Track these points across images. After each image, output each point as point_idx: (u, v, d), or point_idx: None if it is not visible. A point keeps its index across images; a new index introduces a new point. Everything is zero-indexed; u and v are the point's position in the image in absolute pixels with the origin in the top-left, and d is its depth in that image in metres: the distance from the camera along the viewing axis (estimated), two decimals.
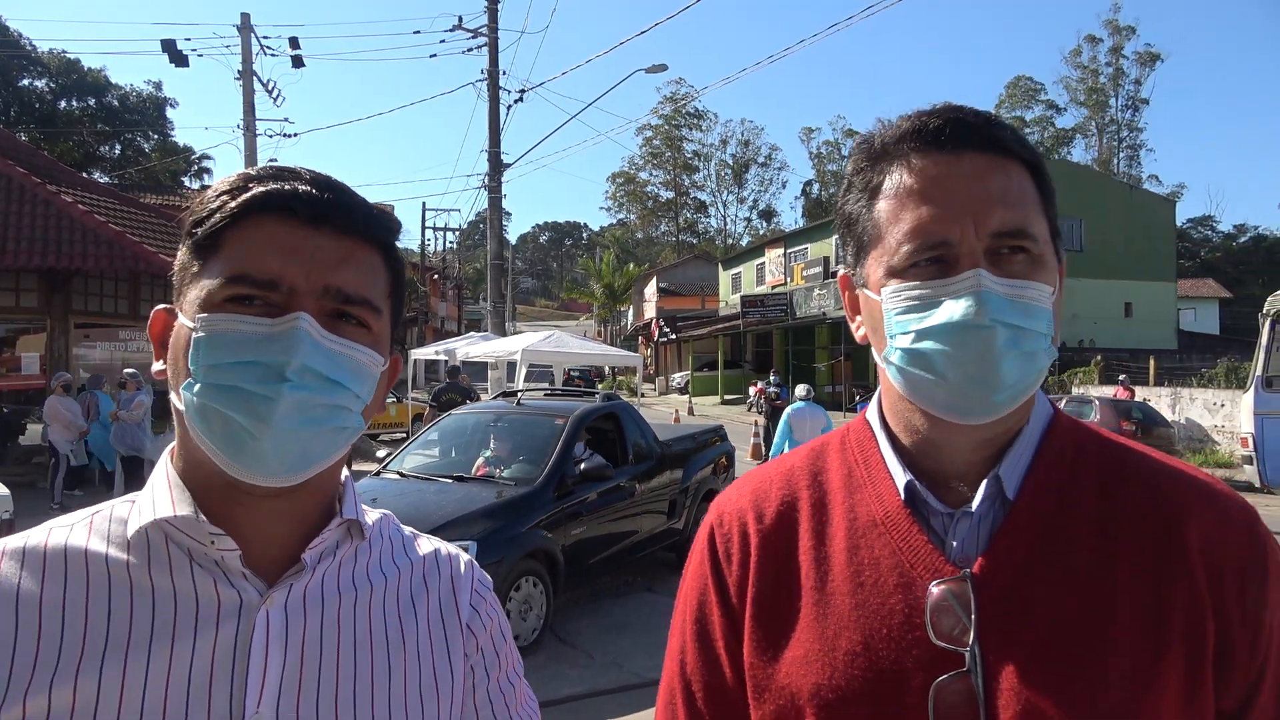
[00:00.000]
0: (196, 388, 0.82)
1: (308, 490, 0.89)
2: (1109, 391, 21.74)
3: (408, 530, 1.06)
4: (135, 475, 11.82)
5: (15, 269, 13.54)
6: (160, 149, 42.23)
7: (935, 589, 0.93)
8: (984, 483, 0.95)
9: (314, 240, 0.86)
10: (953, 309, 0.89)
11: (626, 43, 20.89)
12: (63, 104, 41.10)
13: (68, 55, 39.78)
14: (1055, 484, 0.96)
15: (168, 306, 0.90)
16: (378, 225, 0.91)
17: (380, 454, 8.75)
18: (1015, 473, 0.96)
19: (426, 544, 1.06)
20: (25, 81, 40.31)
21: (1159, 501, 0.94)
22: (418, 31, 24.93)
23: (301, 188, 0.87)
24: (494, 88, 22.14)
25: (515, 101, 22.51)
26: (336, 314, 0.87)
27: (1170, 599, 0.89)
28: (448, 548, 1.08)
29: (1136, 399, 20.62)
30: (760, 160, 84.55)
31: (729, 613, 1.05)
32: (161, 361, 0.90)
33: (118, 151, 41.81)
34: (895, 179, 0.95)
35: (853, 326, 1.05)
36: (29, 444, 14.55)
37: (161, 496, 0.86)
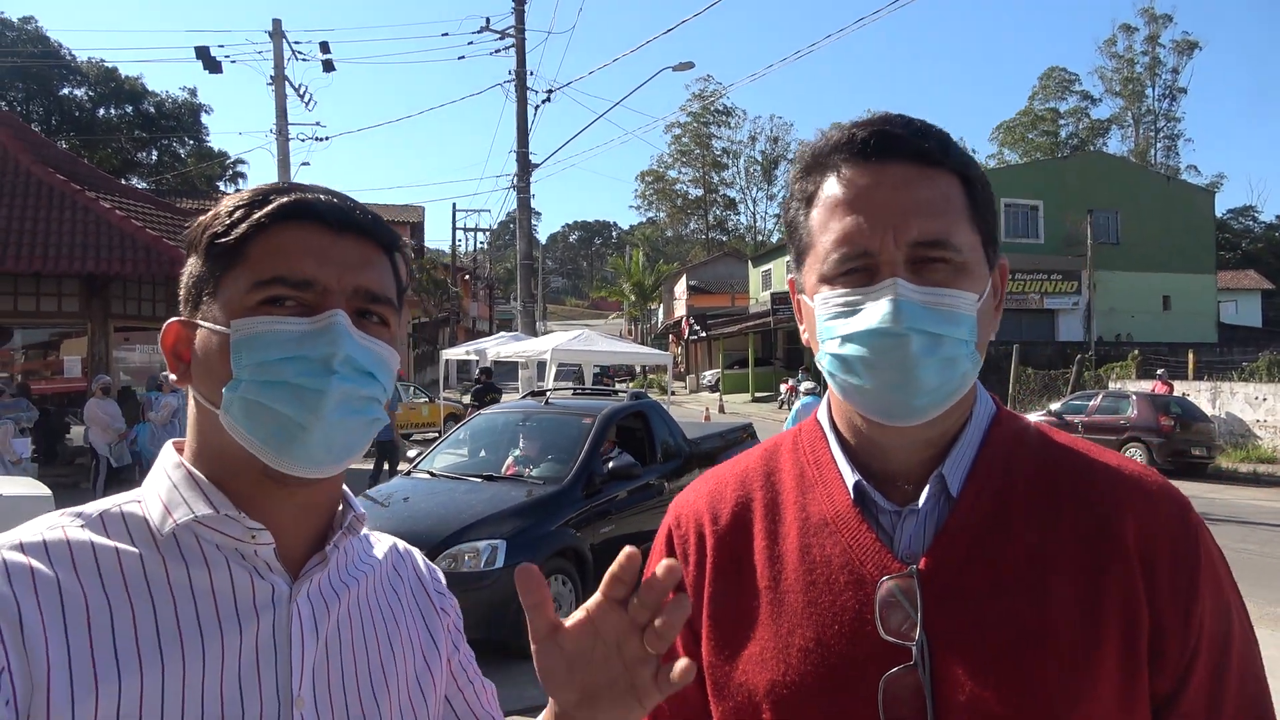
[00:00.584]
0: (242, 386, 0.86)
1: (331, 482, 0.95)
2: (1147, 386, 21.37)
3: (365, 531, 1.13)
4: None
5: (56, 274, 13.82)
6: (196, 154, 42.94)
7: (883, 585, 0.96)
8: (929, 481, 0.99)
9: (340, 245, 0.92)
10: (871, 315, 0.92)
11: (653, 41, 20.88)
12: (101, 112, 41.93)
13: (105, 64, 40.59)
14: (996, 481, 0.99)
15: (181, 319, 0.94)
16: (389, 234, 0.99)
17: (411, 453, 8.83)
18: (958, 471, 1.00)
19: (379, 539, 1.13)
20: (65, 91, 41.21)
21: (1095, 496, 0.97)
22: (446, 34, 25.32)
23: (324, 198, 0.93)
24: (521, 88, 22.24)
25: (543, 102, 22.61)
26: (361, 313, 0.93)
27: (1105, 589, 0.92)
28: (397, 541, 1.15)
29: (1175, 393, 20.24)
30: (790, 156, 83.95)
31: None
32: (175, 372, 0.94)
33: (154, 158, 42.59)
34: (826, 189, 0.99)
35: (801, 330, 1.08)
36: (76, 445, 14.86)
37: (189, 495, 0.89)
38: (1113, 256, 32.97)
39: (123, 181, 22.81)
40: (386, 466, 13.67)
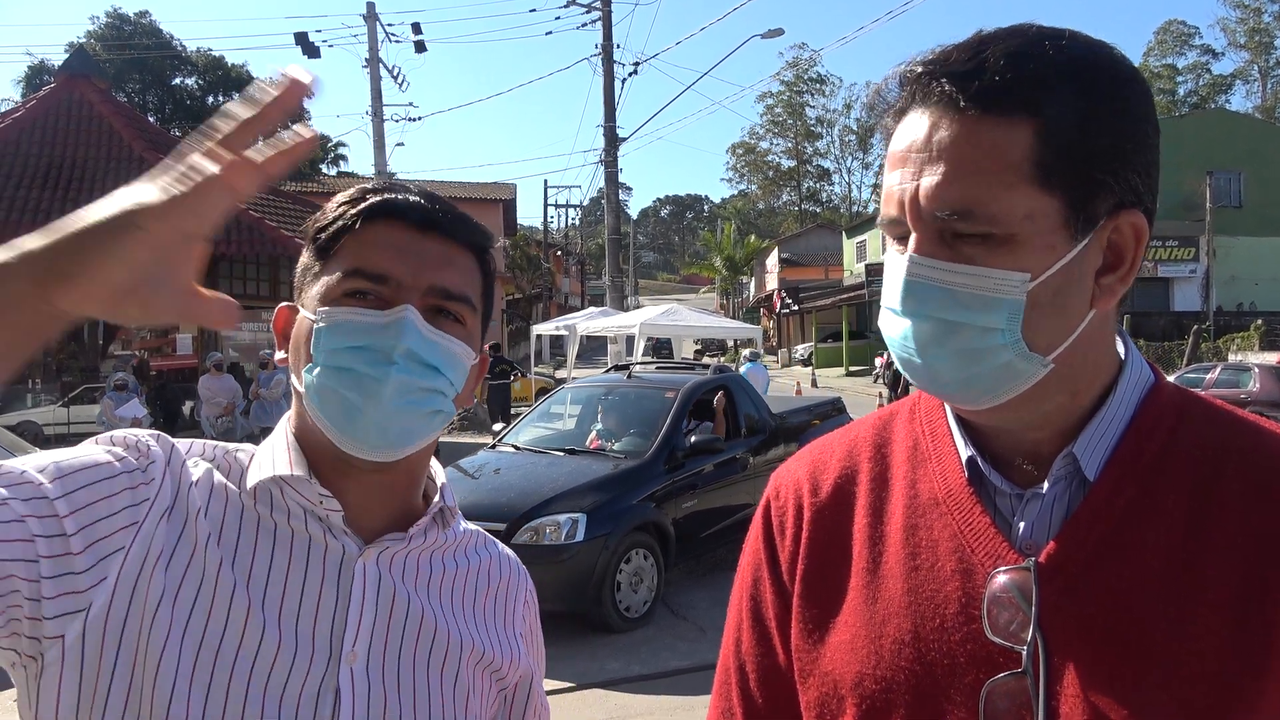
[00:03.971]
0: (316, 370, 0.93)
1: (400, 469, 0.99)
2: (1271, 358, 20.09)
3: (471, 527, 1.16)
4: None
5: None
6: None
7: (995, 578, 0.83)
8: (1056, 461, 0.84)
9: (421, 243, 0.97)
10: (889, 291, 0.84)
11: (741, 8, 20.48)
12: (210, 100, 43.71)
13: (213, 53, 42.31)
14: (1145, 464, 0.83)
15: (290, 304, 1.02)
16: (477, 233, 1.02)
17: (496, 427, 8.98)
18: (1096, 451, 0.84)
19: (495, 547, 1.18)
20: (178, 80, 43.15)
21: (1269, 491, 0.79)
22: (533, 10, 25.32)
23: (412, 198, 0.98)
24: (608, 62, 22.17)
25: (630, 75, 22.52)
26: (436, 309, 0.96)
27: (1274, 607, 0.76)
28: (509, 553, 1.19)
29: None
30: None
31: (781, 590, 1.00)
32: (284, 351, 1.01)
33: (259, 142, 44.18)
34: (890, 132, 0.87)
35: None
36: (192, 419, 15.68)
37: (281, 457, 0.96)
38: (1235, 220, 31.02)
39: None
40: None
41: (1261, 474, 0.81)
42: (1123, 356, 0.89)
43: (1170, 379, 0.90)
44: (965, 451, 0.90)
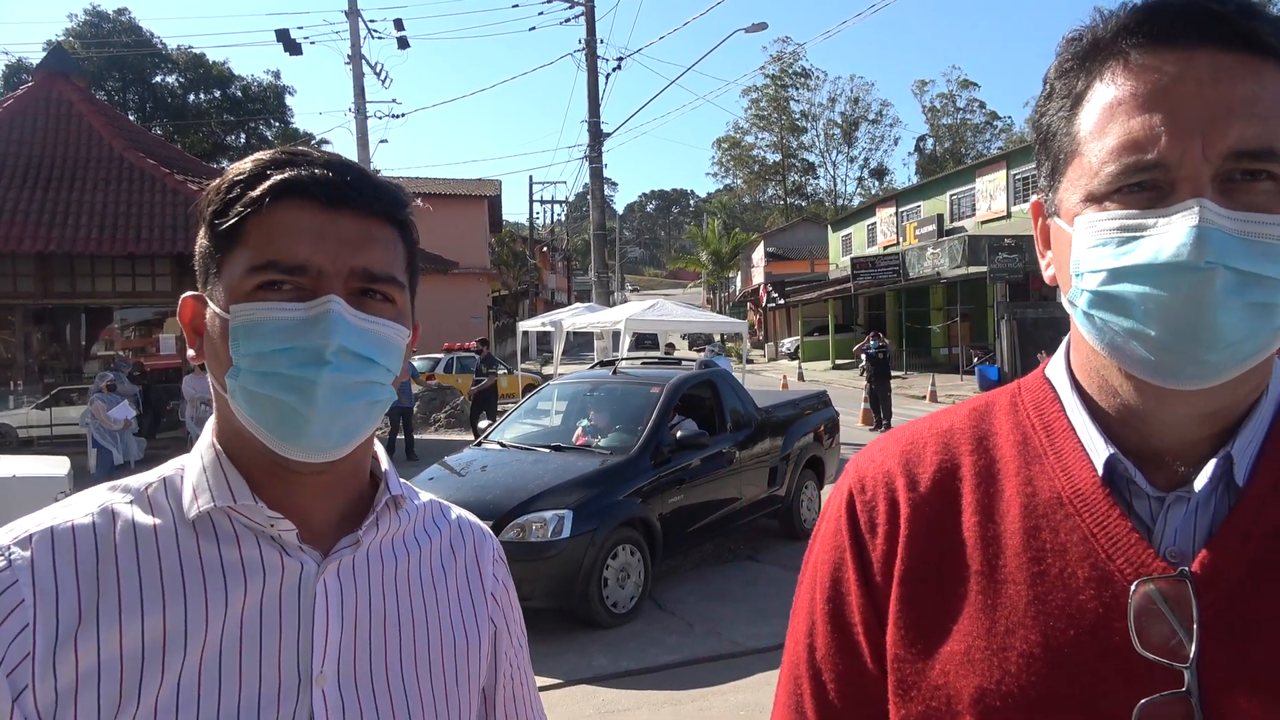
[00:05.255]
0: (241, 375, 0.86)
1: (346, 463, 0.93)
2: None
3: (426, 497, 1.11)
4: None
5: (149, 255, 14.42)
6: (281, 136, 44.11)
7: (1140, 588, 0.76)
8: (1212, 462, 0.78)
9: (336, 222, 0.88)
10: (1160, 245, 0.71)
11: (724, 2, 20.47)
12: (191, 98, 43.39)
13: (194, 51, 41.96)
14: None
15: (196, 294, 0.93)
16: (393, 202, 0.94)
17: (481, 424, 8.96)
18: (1247, 454, 0.78)
19: (450, 512, 1.12)
20: (158, 78, 42.74)
21: None
22: (516, 5, 25.01)
23: (318, 171, 0.89)
24: (592, 57, 22.13)
25: (614, 70, 22.49)
26: (361, 291, 0.90)
27: None
28: (468, 516, 1.15)
29: None
30: (871, 117, 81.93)
31: (871, 592, 0.90)
32: (194, 348, 0.94)
33: (243, 140, 43.89)
34: (1105, 83, 0.77)
35: (1042, 264, 0.88)
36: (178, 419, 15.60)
37: (216, 483, 0.89)
38: None
39: (213, 165, 23.62)
40: (402, 436, 14.62)
41: None
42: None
43: None
44: (1105, 449, 0.82)
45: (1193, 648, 0.73)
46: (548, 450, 7.68)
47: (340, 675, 0.90)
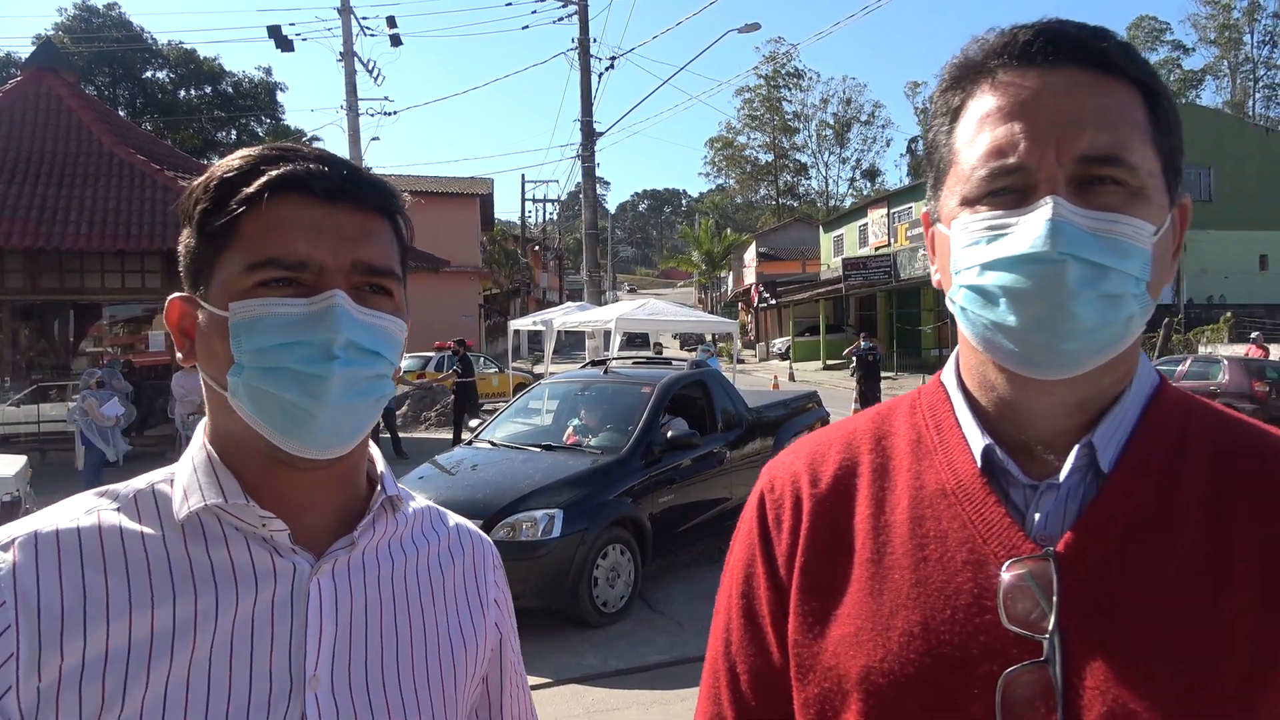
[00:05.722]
0: (245, 373, 0.85)
1: (345, 460, 0.92)
2: (1240, 350, 20.37)
3: (423, 502, 1.10)
4: None
5: (139, 252, 14.34)
6: (272, 133, 43.94)
7: (1011, 569, 0.82)
8: (1074, 451, 0.84)
9: (335, 217, 0.88)
10: (1019, 239, 0.79)
11: (717, 2, 20.46)
12: (182, 94, 43.19)
13: (185, 46, 41.75)
14: (1158, 458, 0.84)
15: (184, 295, 0.92)
16: (389, 196, 0.94)
17: (473, 423, 8.95)
18: (1111, 443, 0.85)
19: (449, 519, 1.12)
20: (148, 74, 42.53)
21: None
22: (509, 3, 24.89)
23: (314, 166, 0.88)
24: (585, 56, 22.10)
25: (606, 69, 22.42)
26: (361, 286, 0.89)
27: None
28: (467, 524, 1.14)
29: (1271, 357, 19.25)
30: (863, 119, 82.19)
31: (776, 585, 0.96)
32: (183, 350, 0.92)
33: (234, 137, 43.72)
34: (977, 99, 0.85)
35: (932, 270, 0.94)
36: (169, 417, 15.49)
37: (206, 482, 0.88)
38: (1204, 215, 31.34)
39: (204, 161, 23.51)
40: (387, 434, 14.53)
41: (1273, 469, 0.83)
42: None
43: None
44: (981, 441, 0.88)
45: (1052, 619, 0.79)
46: (538, 449, 7.68)
47: (334, 678, 0.89)
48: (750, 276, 55.06)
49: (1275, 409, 16.65)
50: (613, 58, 22.55)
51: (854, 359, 18.27)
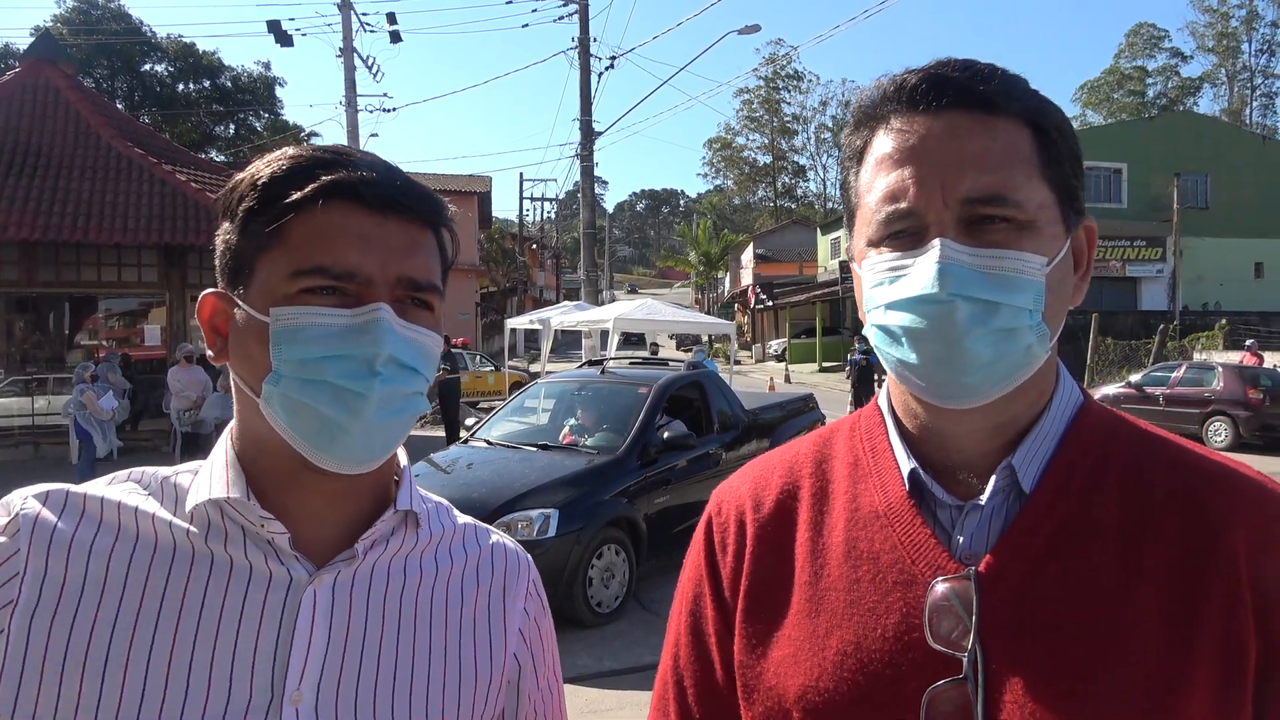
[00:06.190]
0: (283, 382, 0.83)
1: (370, 474, 0.90)
2: (1235, 357, 20.42)
3: (464, 519, 1.07)
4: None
5: (136, 245, 14.32)
6: (271, 127, 43.87)
7: (936, 587, 0.85)
8: (995, 474, 0.87)
9: (384, 228, 0.86)
10: (914, 281, 0.83)
11: (718, 3, 20.49)
12: (181, 87, 43.06)
13: (184, 40, 41.66)
14: (1079, 478, 0.87)
15: (219, 291, 0.90)
16: (437, 209, 0.92)
17: (469, 421, 8.94)
18: (1032, 464, 0.88)
19: (488, 537, 1.06)
20: (147, 67, 42.41)
21: (1198, 504, 0.84)
22: (510, 1, 24.81)
23: (365, 174, 0.86)
24: (585, 55, 22.09)
25: (606, 69, 22.42)
26: (404, 299, 0.88)
27: (1202, 614, 0.80)
28: (507, 541, 1.08)
29: (1266, 365, 19.31)
30: None
31: (722, 607, 1.00)
32: (214, 348, 0.91)
33: (232, 131, 43.64)
34: (874, 144, 0.89)
35: (860, 305, 0.96)
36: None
37: (218, 477, 0.88)
38: (1201, 222, 31.47)
39: (201, 155, 23.48)
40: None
41: (1188, 487, 0.85)
42: (1058, 373, 0.93)
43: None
44: (908, 464, 0.92)
45: (971, 637, 0.82)
46: (534, 449, 7.68)
47: (319, 696, 0.85)
48: (747, 278, 55.09)
49: (1268, 416, 16.71)
50: (613, 57, 22.55)
51: (849, 363, 18.30)
